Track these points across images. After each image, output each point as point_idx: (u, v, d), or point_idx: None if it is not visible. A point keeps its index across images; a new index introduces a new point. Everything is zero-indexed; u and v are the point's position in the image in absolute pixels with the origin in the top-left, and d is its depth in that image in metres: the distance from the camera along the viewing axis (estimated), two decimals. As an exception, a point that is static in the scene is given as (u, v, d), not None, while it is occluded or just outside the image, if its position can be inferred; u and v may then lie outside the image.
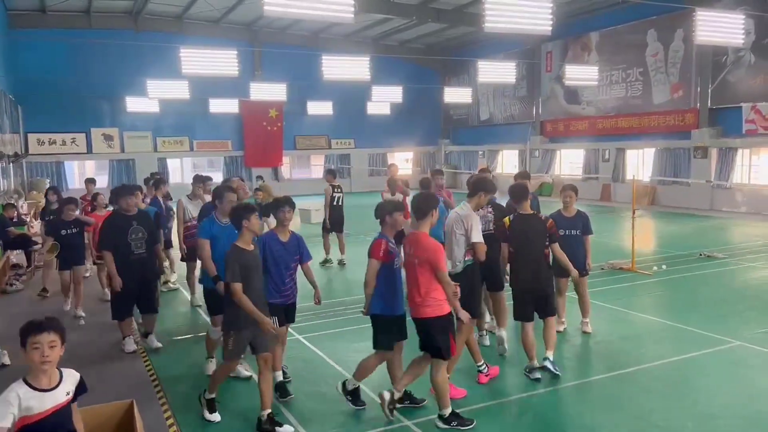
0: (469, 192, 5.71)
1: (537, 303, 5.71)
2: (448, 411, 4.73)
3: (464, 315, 4.77)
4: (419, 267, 4.64)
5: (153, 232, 6.79)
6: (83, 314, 8.09)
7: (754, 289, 9.31)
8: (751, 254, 11.86)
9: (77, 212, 8.52)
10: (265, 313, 4.74)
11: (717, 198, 19.72)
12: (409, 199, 10.06)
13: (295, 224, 6.34)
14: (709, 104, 19.95)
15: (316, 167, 31.50)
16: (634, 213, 10.95)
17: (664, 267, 10.57)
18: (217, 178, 27.07)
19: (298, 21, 24.93)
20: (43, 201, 21.48)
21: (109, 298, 7.18)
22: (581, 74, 21.55)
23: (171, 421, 5.01)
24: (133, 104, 24.39)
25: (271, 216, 5.59)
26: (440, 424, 4.73)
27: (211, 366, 5.89)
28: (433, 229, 4.88)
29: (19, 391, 2.89)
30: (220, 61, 16.80)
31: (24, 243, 10.93)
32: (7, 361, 6.34)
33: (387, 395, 4.80)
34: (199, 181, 8.81)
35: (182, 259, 8.59)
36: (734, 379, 5.73)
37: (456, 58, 29.88)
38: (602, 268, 10.38)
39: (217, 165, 29.67)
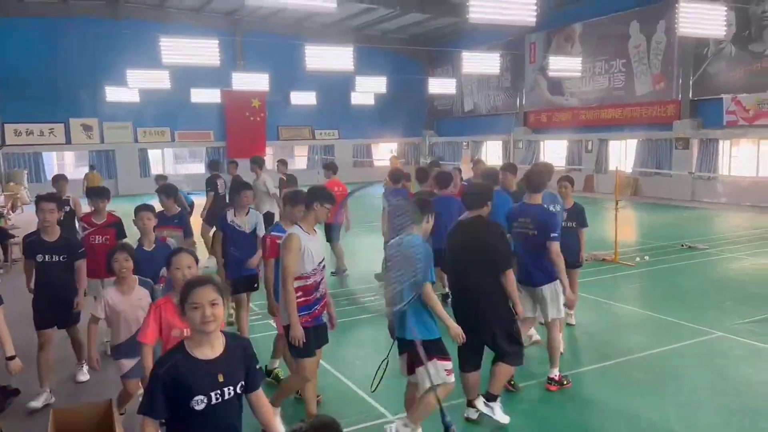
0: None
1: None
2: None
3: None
4: None
5: None
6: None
7: (735, 279, 9.41)
8: (732, 245, 11.99)
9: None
10: None
11: (698, 189, 19.92)
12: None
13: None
14: (690, 96, 20.11)
15: (300, 158, 31.30)
16: (617, 204, 10.99)
17: (646, 258, 10.64)
18: (199, 169, 26.84)
19: (281, 10, 24.64)
20: (22, 192, 21.32)
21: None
22: (565, 65, 21.62)
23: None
24: (113, 94, 23.94)
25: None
26: None
27: None
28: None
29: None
30: (201, 50, 16.59)
31: (0, 235, 10.69)
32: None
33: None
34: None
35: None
36: (716, 370, 5.78)
37: (440, 49, 29.78)
38: (585, 260, 10.40)
39: (199, 156, 29.38)
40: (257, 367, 2.68)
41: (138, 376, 4.28)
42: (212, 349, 2.56)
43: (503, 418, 4.64)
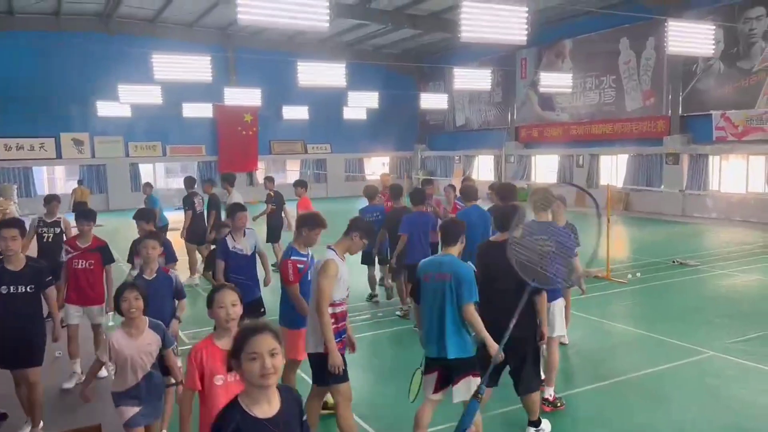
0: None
1: None
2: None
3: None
4: None
5: None
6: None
7: (726, 297, 9.44)
8: (722, 261, 12.04)
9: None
10: None
11: (688, 204, 20.03)
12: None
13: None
14: (680, 111, 20.28)
15: (292, 172, 31.29)
16: (608, 220, 11.00)
17: (638, 275, 10.66)
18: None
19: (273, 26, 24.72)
20: (12, 207, 21.17)
21: None
22: (555, 81, 21.77)
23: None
24: (104, 109, 23.91)
25: None
26: None
27: None
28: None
29: None
30: (193, 66, 16.58)
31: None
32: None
33: None
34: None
35: None
36: (709, 390, 5.78)
37: (432, 65, 29.94)
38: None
39: (191, 170, 29.28)
40: (304, 418, 2.45)
41: (141, 425, 3.88)
42: (270, 405, 2.26)
43: (548, 427, 4.89)
